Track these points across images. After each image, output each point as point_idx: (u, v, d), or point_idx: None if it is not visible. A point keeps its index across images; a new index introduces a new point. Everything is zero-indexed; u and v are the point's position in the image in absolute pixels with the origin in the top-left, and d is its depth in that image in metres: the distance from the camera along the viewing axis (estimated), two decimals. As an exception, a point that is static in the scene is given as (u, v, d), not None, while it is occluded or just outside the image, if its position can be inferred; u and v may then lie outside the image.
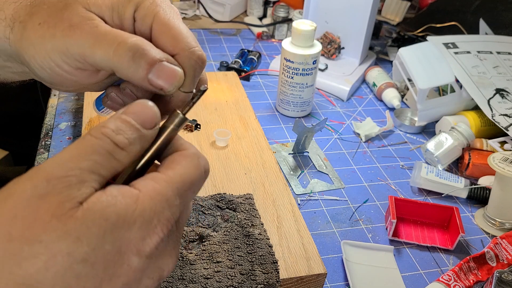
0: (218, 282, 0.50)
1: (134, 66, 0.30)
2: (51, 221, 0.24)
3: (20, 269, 0.23)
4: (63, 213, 0.24)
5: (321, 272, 0.54)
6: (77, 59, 0.31)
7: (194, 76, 0.33)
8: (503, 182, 0.66)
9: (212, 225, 0.57)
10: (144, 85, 0.31)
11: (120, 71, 0.31)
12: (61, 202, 0.24)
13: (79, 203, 0.24)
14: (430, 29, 1.11)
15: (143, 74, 0.30)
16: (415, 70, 0.86)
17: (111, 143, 0.27)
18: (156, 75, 0.30)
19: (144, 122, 0.28)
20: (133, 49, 0.30)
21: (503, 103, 0.84)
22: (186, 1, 1.23)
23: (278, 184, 0.66)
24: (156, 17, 0.32)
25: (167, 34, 0.32)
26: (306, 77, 0.85)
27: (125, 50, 0.30)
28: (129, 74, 0.31)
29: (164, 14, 0.32)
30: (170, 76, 0.31)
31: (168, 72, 0.31)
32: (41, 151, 0.74)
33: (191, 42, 0.32)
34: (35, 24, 0.32)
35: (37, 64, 0.32)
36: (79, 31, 0.31)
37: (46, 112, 0.83)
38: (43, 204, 0.24)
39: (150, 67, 0.30)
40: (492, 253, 0.61)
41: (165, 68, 0.31)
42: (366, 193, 0.74)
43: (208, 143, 0.72)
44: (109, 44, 0.30)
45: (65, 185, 0.24)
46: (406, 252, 0.65)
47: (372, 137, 0.86)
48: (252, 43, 1.14)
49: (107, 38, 0.30)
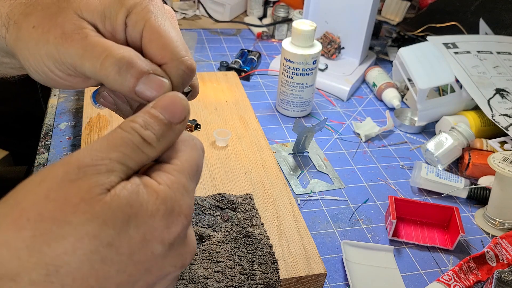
0: (218, 282, 0.50)
1: (121, 80, 0.30)
2: (80, 204, 0.25)
3: (49, 249, 0.24)
4: (92, 197, 0.25)
5: (321, 272, 0.54)
6: (68, 67, 0.32)
7: (182, 85, 0.33)
8: (503, 182, 0.66)
9: (212, 225, 0.57)
10: (132, 97, 0.32)
11: (107, 84, 0.31)
12: (90, 187, 0.25)
13: (107, 190, 0.25)
14: (430, 29, 1.11)
15: (130, 87, 0.31)
16: (415, 70, 0.86)
17: (139, 138, 0.28)
18: (143, 87, 0.31)
19: (173, 116, 0.29)
20: (120, 62, 0.30)
21: (503, 103, 0.84)
22: (186, 1, 1.23)
23: (278, 184, 0.66)
24: (147, 24, 0.32)
25: (157, 42, 0.32)
26: (306, 77, 0.85)
27: (111, 64, 0.30)
28: (116, 87, 0.31)
29: (155, 21, 0.32)
30: (156, 88, 0.31)
31: (155, 84, 0.31)
32: (41, 151, 0.74)
33: (181, 52, 0.32)
34: (29, 27, 0.32)
35: (31, 68, 0.33)
36: (70, 41, 0.31)
37: (46, 112, 0.83)
38: (73, 188, 0.25)
39: (137, 80, 0.30)
40: (492, 253, 0.61)
41: (152, 80, 0.31)
42: (366, 193, 0.74)
43: (208, 143, 0.72)
44: (96, 56, 0.30)
45: (95, 173, 0.26)
46: (406, 252, 0.65)
47: (372, 137, 0.86)
48: (252, 43, 1.14)
49: (95, 50, 0.30)
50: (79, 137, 0.76)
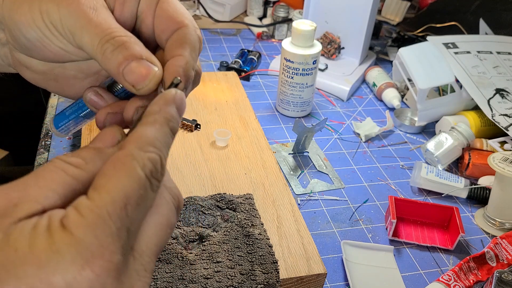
0: (218, 282, 0.50)
1: (112, 57, 0.29)
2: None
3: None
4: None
5: (321, 272, 0.54)
6: (64, 31, 0.30)
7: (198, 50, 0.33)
8: (503, 182, 0.66)
9: (212, 225, 0.57)
10: (118, 79, 0.30)
11: (98, 60, 0.30)
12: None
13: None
14: (430, 29, 1.11)
15: (117, 65, 0.30)
16: (415, 70, 0.86)
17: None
18: (130, 69, 0.29)
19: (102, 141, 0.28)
20: (117, 43, 0.30)
21: (503, 103, 0.84)
22: (186, 1, 1.23)
23: (278, 184, 0.66)
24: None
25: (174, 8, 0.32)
26: (306, 77, 0.85)
27: (110, 45, 0.30)
28: (105, 65, 0.30)
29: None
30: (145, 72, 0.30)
31: (143, 68, 0.30)
32: (41, 151, 0.74)
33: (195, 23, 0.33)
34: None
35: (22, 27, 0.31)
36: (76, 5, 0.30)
37: (46, 112, 0.83)
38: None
39: (126, 61, 0.29)
40: (492, 253, 0.61)
41: (141, 64, 0.30)
42: (366, 193, 0.74)
43: (208, 143, 0.72)
44: (97, 34, 0.30)
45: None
46: (406, 252, 0.65)
47: (372, 137, 0.86)
48: (252, 43, 1.14)
49: (98, 27, 0.30)
50: (79, 137, 0.76)
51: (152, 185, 0.25)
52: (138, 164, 0.24)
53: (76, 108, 0.37)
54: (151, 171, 0.25)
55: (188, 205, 0.58)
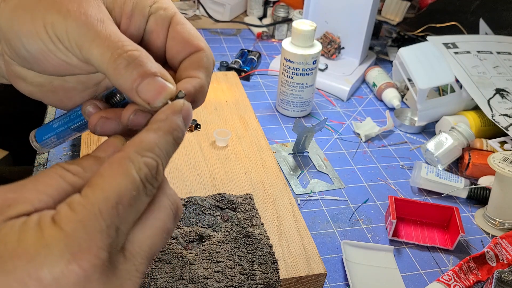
0: (218, 282, 0.50)
1: (126, 74, 0.29)
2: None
3: None
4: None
5: (321, 272, 0.54)
6: (70, 44, 0.29)
7: (210, 73, 0.33)
8: (503, 182, 0.66)
9: (212, 225, 0.57)
10: (131, 96, 0.30)
11: (109, 76, 0.29)
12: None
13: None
14: (430, 29, 1.11)
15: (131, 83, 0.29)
16: (415, 70, 0.86)
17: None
18: (145, 87, 0.29)
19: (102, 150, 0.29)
20: (130, 58, 0.29)
21: (503, 103, 0.84)
22: (186, 1, 1.23)
23: (278, 184, 0.66)
24: (174, 17, 0.33)
25: (189, 32, 0.33)
26: (306, 77, 0.85)
27: (123, 58, 0.29)
28: (119, 81, 0.29)
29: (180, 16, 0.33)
30: (159, 89, 0.29)
31: (158, 86, 0.29)
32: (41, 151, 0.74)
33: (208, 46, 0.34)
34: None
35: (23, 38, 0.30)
36: (85, 18, 0.29)
37: (46, 112, 0.83)
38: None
39: (141, 79, 0.29)
40: (492, 253, 0.61)
41: (156, 81, 0.29)
42: (366, 193, 0.74)
43: (208, 143, 0.72)
44: (108, 46, 0.29)
45: None
46: (406, 252, 0.65)
47: (372, 137, 0.86)
48: (252, 43, 1.14)
49: (109, 40, 0.29)
50: (79, 137, 0.76)
51: (146, 189, 0.25)
52: (134, 167, 0.25)
53: (67, 120, 0.35)
54: (146, 176, 0.25)
55: (188, 205, 0.58)
